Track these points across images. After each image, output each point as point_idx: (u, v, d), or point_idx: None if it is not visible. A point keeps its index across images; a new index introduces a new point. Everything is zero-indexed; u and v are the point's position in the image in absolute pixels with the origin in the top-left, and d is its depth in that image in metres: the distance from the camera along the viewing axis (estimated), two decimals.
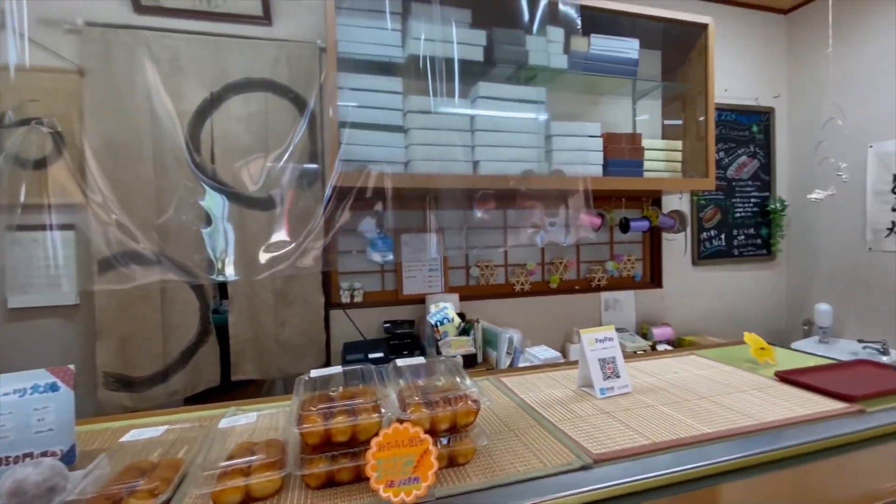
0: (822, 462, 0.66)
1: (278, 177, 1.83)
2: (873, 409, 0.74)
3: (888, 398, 0.78)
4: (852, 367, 0.96)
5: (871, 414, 0.73)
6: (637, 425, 0.69)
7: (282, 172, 1.82)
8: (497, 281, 2.44)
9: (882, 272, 2.48)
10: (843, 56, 2.58)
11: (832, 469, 0.67)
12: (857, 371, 0.93)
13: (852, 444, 0.69)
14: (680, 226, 2.46)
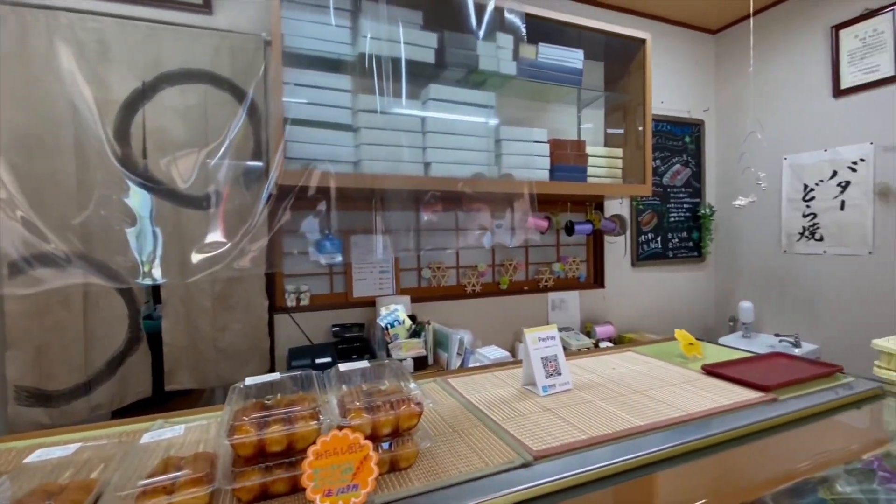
0: (743, 447, 0.72)
1: (216, 173, 1.74)
2: (785, 397, 0.81)
3: (797, 387, 0.86)
4: (768, 359, 1.06)
5: (783, 402, 0.80)
6: (576, 421, 0.71)
7: (220, 169, 1.73)
8: (449, 282, 2.45)
9: (795, 272, 2.74)
10: (764, 75, 2.84)
11: (752, 452, 0.73)
12: (772, 363, 1.02)
13: (767, 430, 0.75)
14: (620, 229, 2.59)
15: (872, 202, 2.37)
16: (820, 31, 2.56)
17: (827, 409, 0.80)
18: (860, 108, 2.41)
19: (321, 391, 0.61)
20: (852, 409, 0.83)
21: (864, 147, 2.40)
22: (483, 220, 1.99)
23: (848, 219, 2.47)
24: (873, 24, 2.34)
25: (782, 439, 0.77)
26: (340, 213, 2.09)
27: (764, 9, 2.81)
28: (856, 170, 2.43)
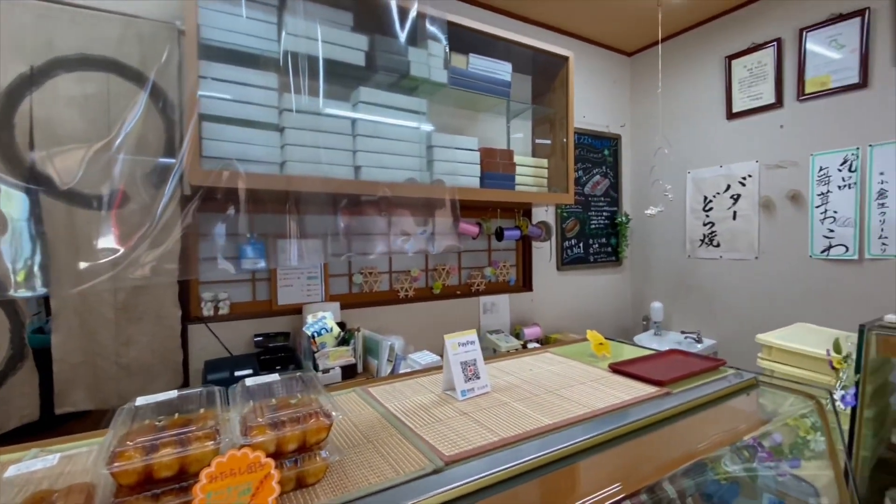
0: (643, 437, 0.78)
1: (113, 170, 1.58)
2: (678, 391, 0.90)
3: (687, 380, 0.96)
4: (666, 356, 1.17)
5: (676, 394, 0.88)
6: (491, 423, 0.73)
7: (115, 164, 1.58)
8: (381, 288, 2.43)
9: (697, 275, 3.04)
10: (671, 97, 3.13)
11: (652, 441, 0.80)
12: (668, 359, 1.13)
13: (663, 420, 0.83)
14: (546, 235, 2.72)
15: (758, 213, 2.70)
16: (716, 60, 2.88)
17: (712, 399, 0.90)
18: (748, 130, 2.74)
19: (223, 408, 0.58)
20: (732, 398, 0.94)
21: (751, 164, 2.73)
22: (406, 225, 1.98)
23: (739, 227, 2.79)
24: (758, 56, 2.67)
25: (676, 428, 0.85)
26: (263, 216, 2.00)
27: (671, 36, 3.11)
28: (745, 184, 2.76)
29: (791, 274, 2.54)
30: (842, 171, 2.34)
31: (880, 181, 2.21)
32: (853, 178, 2.30)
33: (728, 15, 2.80)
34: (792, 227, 2.54)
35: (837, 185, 2.36)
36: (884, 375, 1.81)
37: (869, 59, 2.24)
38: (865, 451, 1.63)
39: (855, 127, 2.29)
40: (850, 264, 2.32)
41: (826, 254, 2.40)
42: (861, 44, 2.26)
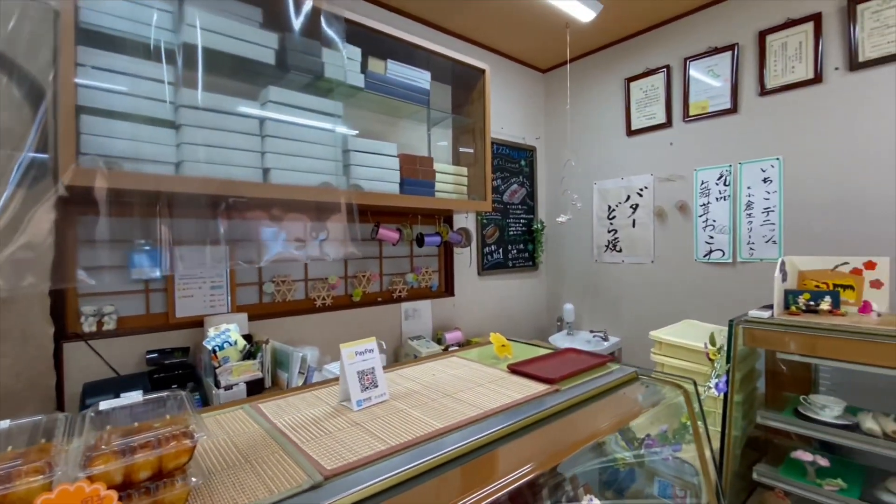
0: (537, 431, 0.82)
1: None
2: (566, 387, 0.96)
3: (576, 377, 1.03)
4: (562, 354, 1.25)
5: (564, 391, 0.94)
6: (382, 432, 0.73)
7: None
8: (296, 296, 2.32)
9: (604, 278, 3.29)
10: (580, 113, 3.36)
11: (544, 434, 0.83)
12: (564, 358, 1.21)
13: (554, 415, 0.87)
14: (466, 241, 2.78)
15: (653, 221, 2.98)
16: (618, 81, 3.15)
17: (598, 393, 0.97)
18: (644, 147, 3.03)
19: (68, 438, 0.51)
20: (617, 391, 1.02)
21: (647, 177, 3.01)
22: (302, 231, 1.88)
23: (637, 234, 3.06)
24: (652, 80, 2.96)
25: (568, 421, 0.91)
26: (158, 219, 1.83)
27: (579, 57, 3.35)
28: (642, 195, 3.03)
29: (680, 276, 2.84)
30: (718, 185, 2.66)
31: (748, 194, 2.55)
32: (727, 191, 2.63)
33: (627, 41, 3.08)
34: (680, 234, 2.84)
35: (716, 197, 2.68)
36: (751, 364, 2.08)
37: (738, 89, 2.59)
38: (736, 431, 1.86)
39: (728, 146, 2.63)
40: (726, 267, 2.64)
41: (707, 258, 2.71)
42: (732, 74, 2.60)
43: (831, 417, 1.65)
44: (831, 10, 2.26)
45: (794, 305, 1.82)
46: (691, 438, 1.58)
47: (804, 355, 1.70)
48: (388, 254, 2.69)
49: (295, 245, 1.85)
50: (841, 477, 1.65)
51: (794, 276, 1.99)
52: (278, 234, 1.83)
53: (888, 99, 2.11)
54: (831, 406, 1.66)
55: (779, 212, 2.44)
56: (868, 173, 2.16)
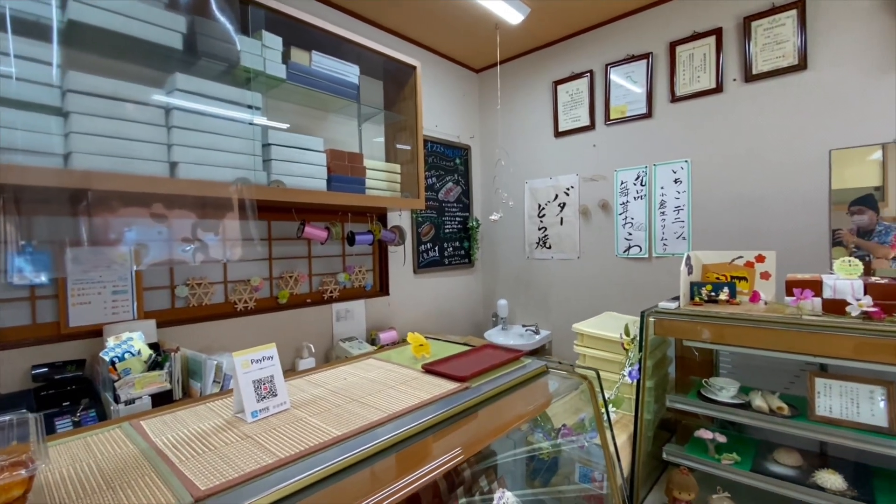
0: (442, 431, 0.82)
1: None
2: (476, 384, 0.97)
3: (489, 373, 1.05)
4: (479, 351, 1.26)
5: (474, 388, 0.95)
6: (274, 444, 0.69)
7: None
8: (215, 300, 2.18)
9: (535, 274, 3.40)
10: (511, 113, 3.44)
11: (451, 432, 0.83)
12: (480, 354, 1.22)
13: (465, 411, 0.88)
14: (400, 239, 2.75)
15: (578, 219, 3.12)
16: (545, 83, 3.26)
17: (509, 387, 0.99)
18: (570, 148, 3.16)
19: None
20: (529, 384, 1.05)
21: (573, 177, 3.14)
22: (189, 230, 1.71)
23: (565, 232, 3.19)
24: (577, 84, 3.09)
25: (482, 414, 0.91)
26: (43, 218, 1.63)
27: (510, 59, 3.43)
28: (569, 194, 3.17)
29: (603, 271, 3.00)
30: (636, 185, 2.84)
31: (661, 194, 2.74)
32: (644, 190, 2.81)
33: (554, 45, 3.20)
34: (603, 231, 2.99)
35: (633, 196, 2.85)
36: (662, 351, 2.23)
37: (653, 95, 2.77)
38: (649, 415, 1.99)
39: (644, 149, 2.81)
40: (643, 262, 2.83)
41: (627, 253, 2.88)
42: (647, 81, 2.78)
43: (728, 397, 1.82)
44: (730, 25, 2.48)
45: (698, 296, 1.98)
46: (606, 425, 1.67)
47: (706, 342, 1.85)
48: (318, 253, 2.60)
49: (181, 245, 1.70)
50: (736, 451, 1.82)
51: (698, 269, 2.16)
52: (164, 233, 1.66)
53: (776, 109, 2.35)
54: (728, 387, 1.83)
55: (687, 210, 2.65)
56: (760, 175, 2.40)
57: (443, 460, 0.75)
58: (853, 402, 1.59)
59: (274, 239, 2.40)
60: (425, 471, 0.71)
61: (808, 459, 1.77)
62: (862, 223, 2.14)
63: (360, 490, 0.64)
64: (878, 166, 2.10)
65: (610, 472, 1.19)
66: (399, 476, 0.68)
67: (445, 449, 0.77)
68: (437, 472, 0.73)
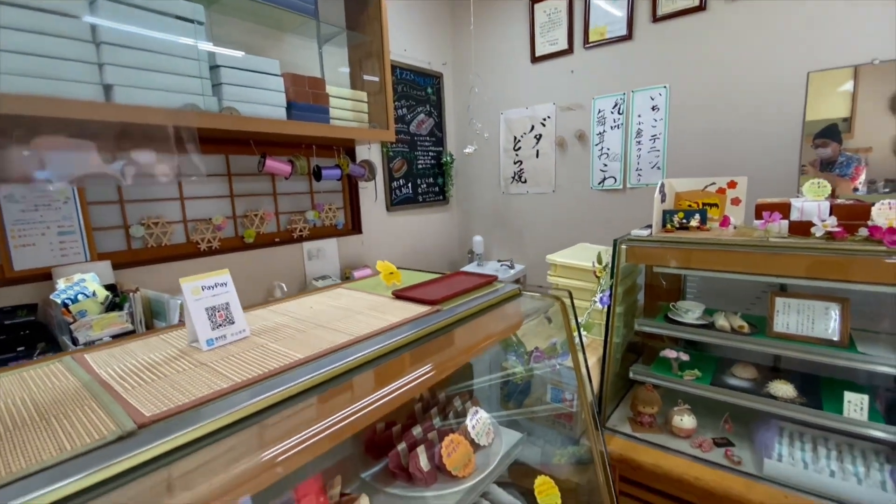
0: (413, 352, 0.80)
1: None
2: (448, 307, 0.95)
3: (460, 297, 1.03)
4: (452, 277, 1.24)
5: (445, 311, 0.93)
6: (230, 370, 0.65)
7: None
8: (175, 240, 2.06)
9: (511, 209, 3.36)
10: (485, 38, 3.22)
11: (422, 354, 0.81)
12: (453, 280, 1.20)
13: (432, 334, 0.86)
14: (370, 174, 2.64)
15: (554, 151, 3.05)
16: (523, 4, 3.02)
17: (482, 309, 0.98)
18: (547, 74, 3.01)
19: None
20: (502, 307, 1.04)
21: (549, 107, 3.02)
22: (127, 159, 1.52)
23: (541, 165, 3.12)
24: (555, 3, 2.88)
25: (454, 336, 0.90)
26: None
27: None
28: (545, 125, 3.06)
29: (578, 204, 2.98)
30: (613, 114, 2.76)
31: (638, 122, 2.68)
32: (621, 119, 2.73)
33: None
34: (579, 164, 2.94)
35: (611, 125, 2.78)
36: (633, 278, 2.28)
37: (634, 15, 2.61)
38: (618, 339, 2.06)
39: (623, 74, 2.69)
40: (617, 193, 2.81)
41: (602, 185, 2.86)
42: (629, 0, 2.60)
43: (693, 319, 1.89)
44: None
45: (670, 224, 1.99)
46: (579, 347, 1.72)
47: (674, 267, 1.89)
48: (284, 190, 2.47)
49: (118, 173, 1.55)
50: (698, 368, 1.92)
51: (671, 197, 2.16)
52: (103, 165, 1.49)
53: (759, 28, 2.25)
54: (693, 309, 1.89)
55: (664, 139, 2.60)
56: (738, 102, 2.35)
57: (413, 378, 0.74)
58: (809, 318, 1.67)
59: (234, 174, 2.26)
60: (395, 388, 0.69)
61: (762, 373, 1.89)
62: (825, 156, 2.15)
63: (327, 409, 0.62)
64: (848, 98, 2.08)
65: (581, 391, 1.23)
66: (369, 394, 0.66)
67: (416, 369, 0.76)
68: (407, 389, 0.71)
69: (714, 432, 1.88)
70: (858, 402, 1.52)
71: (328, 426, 0.60)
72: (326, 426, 0.60)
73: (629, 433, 1.90)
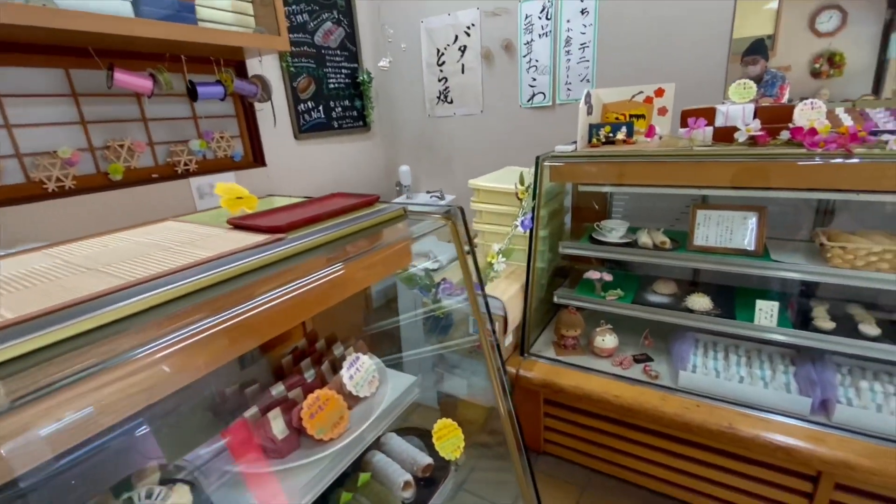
0: (248, 278, 0.60)
1: None
2: (294, 235, 0.74)
3: (321, 222, 0.81)
4: (324, 200, 1.02)
5: (290, 240, 0.72)
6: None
7: None
8: (10, 180, 1.65)
9: (438, 134, 3.09)
10: None
11: (242, 295, 0.61)
12: (325, 203, 0.98)
13: (272, 264, 0.66)
14: (264, 94, 2.24)
15: (481, 65, 2.75)
16: None
17: (348, 234, 0.77)
18: None
19: None
20: (385, 227, 0.85)
21: (473, 13, 2.68)
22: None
23: (467, 81, 2.83)
24: None
25: (289, 270, 0.70)
26: None
27: None
28: (470, 34, 2.73)
29: (507, 124, 2.77)
30: (541, 19, 2.48)
31: (567, 28, 2.42)
32: (549, 26, 2.46)
33: None
34: (507, 79, 2.68)
35: (538, 33, 2.50)
36: (559, 201, 2.15)
37: None
38: (542, 264, 1.97)
39: None
40: (546, 111, 2.62)
41: (531, 102, 2.64)
42: None
43: (616, 238, 1.80)
44: None
45: (596, 138, 1.84)
46: (496, 275, 1.59)
47: (598, 184, 1.76)
48: (157, 114, 2.05)
49: None
50: (621, 287, 1.88)
51: (599, 109, 1.99)
52: None
53: None
54: (617, 228, 1.80)
55: (593, 48, 2.38)
56: (667, 11, 2.15)
57: (209, 325, 0.53)
58: (727, 230, 1.62)
59: (82, 95, 1.81)
60: (175, 340, 0.49)
61: (682, 287, 1.88)
62: (754, 73, 2.05)
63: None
64: (773, 15, 1.96)
65: (477, 318, 1.09)
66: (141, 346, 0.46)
67: (214, 315, 0.55)
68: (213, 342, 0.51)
69: (635, 349, 1.88)
70: (769, 309, 1.52)
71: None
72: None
73: (553, 357, 1.87)
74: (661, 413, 1.51)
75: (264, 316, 0.59)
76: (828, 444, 1.29)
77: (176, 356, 0.49)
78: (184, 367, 0.51)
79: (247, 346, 0.62)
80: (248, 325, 0.58)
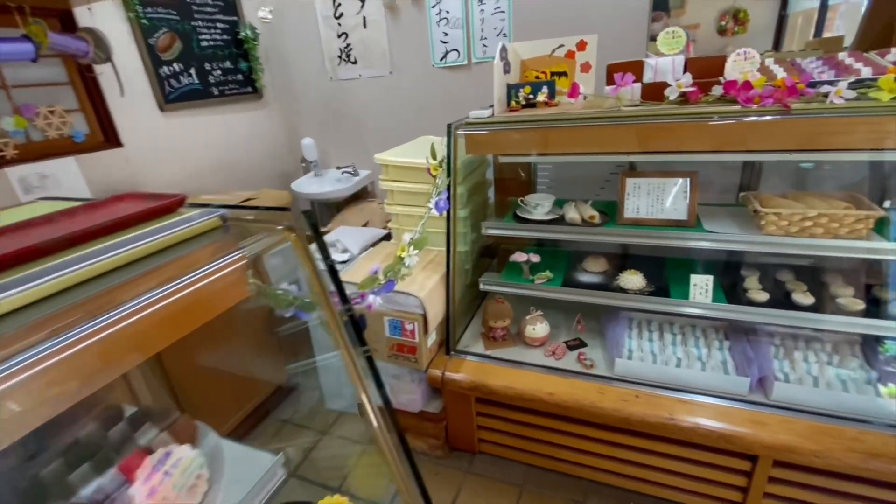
0: None
1: None
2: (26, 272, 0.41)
3: (70, 250, 0.49)
4: (99, 207, 0.68)
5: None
6: None
7: None
8: None
9: (344, 100, 2.70)
10: None
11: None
12: (97, 213, 0.65)
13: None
14: (101, 53, 1.74)
15: (385, 18, 2.38)
16: None
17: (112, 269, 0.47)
18: None
19: None
20: (195, 244, 0.55)
21: None
22: None
23: (371, 37, 2.45)
24: None
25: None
26: None
27: None
28: None
29: (420, 86, 2.45)
30: None
31: None
32: None
33: None
34: (415, 34, 2.34)
35: None
36: (481, 174, 1.91)
37: None
38: (465, 247, 1.73)
39: None
40: (462, 70, 2.33)
41: (444, 61, 2.33)
42: None
43: (542, 214, 1.61)
44: None
45: (515, 101, 1.59)
46: (407, 272, 1.33)
47: (520, 154, 1.53)
48: None
49: None
50: (549, 268, 1.70)
51: (517, 66, 1.74)
52: None
53: None
54: (542, 203, 1.60)
55: None
56: None
57: None
58: (659, 199, 1.47)
59: None
60: None
61: (613, 262, 1.74)
62: (656, 31, 1.90)
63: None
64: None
65: (331, 316, 0.81)
66: None
67: None
68: None
69: (568, 334, 1.73)
70: (704, 284, 1.41)
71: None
72: None
73: (481, 353, 1.67)
74: (600, 409, 1.37)
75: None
76: (770, 427, 1.22)
77: None
78: None
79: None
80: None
